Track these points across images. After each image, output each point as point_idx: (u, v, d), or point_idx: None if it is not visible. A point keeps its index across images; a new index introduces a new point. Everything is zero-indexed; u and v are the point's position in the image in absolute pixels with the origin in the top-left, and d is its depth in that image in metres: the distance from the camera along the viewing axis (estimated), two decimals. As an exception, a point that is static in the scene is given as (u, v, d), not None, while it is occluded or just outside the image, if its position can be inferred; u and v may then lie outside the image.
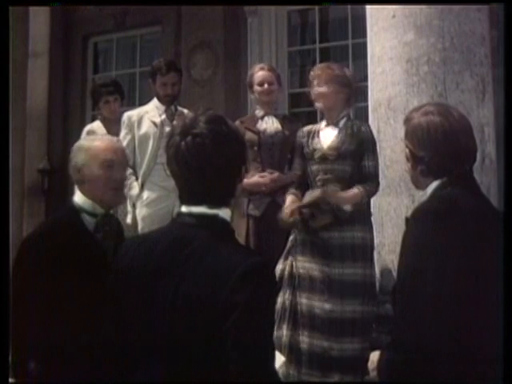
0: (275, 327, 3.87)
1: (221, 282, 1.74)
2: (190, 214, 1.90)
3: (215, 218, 1.89)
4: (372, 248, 3.95)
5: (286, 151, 4.45)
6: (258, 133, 4.49)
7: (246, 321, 1.72)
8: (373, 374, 2.18)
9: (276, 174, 4.39)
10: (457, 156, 2.20)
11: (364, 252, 3.90)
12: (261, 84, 4.56)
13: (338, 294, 3.82)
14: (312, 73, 4.11)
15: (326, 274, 3.84)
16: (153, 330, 1.84)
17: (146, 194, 4.78)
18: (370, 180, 3.94)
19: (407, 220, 2.22)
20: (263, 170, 4.46)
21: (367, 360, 2.25)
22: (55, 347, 2.51)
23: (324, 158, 3.97)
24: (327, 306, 3.81)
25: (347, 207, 3.88)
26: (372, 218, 4.03)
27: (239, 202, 4.48)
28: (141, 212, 4.80)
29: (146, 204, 4.76)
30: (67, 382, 2.51)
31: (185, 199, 1.92)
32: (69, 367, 2.51)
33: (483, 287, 2.00)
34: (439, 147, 2.19)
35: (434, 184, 2.21)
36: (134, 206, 4.86)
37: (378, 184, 3.95)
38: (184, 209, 1.92)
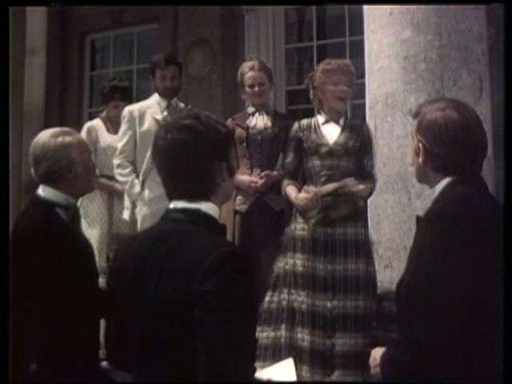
0: (271, 327, 3.87)
1: (192, 274, 1.74)
2: (175, 210, 1.92)
3: (198, 212, 1.90)
4: (371, 244, 3.96)
5: (276, 147, 4.44)
6: (246, 129, 4.47)
7: (213, 309, 1.70)
8: (375, 371, 2.16)
9: (265, 180, 4.38)
10: (472, 153, 2.17)
11: (366, 248, 3.91)
12: (251, 86, 4.51)
13: (341, 290, 3.82)
14: (332, 65, 4.04)
15: (329, 272, 3.84)
16: (142, 328, 1.85)
17: (146, 193, 4.75)
18: (369, 178, 3.96)
19: (418, 219, 2.20)
20: (251, 167, 4.45)
21: (368, 356, 2.24)
22: (55, 346, 2.52)
23: (330, 154, 3.95)
24: (330, 304, 3.80)
25: (361, 201, 3.90)
26: (369, 217, 4.05)
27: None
28: (141, 210, 4.77)
29: (146, 202, 4.73)
30: (67, 382, 2.52)
31: (170, 195, 1.95)
32: (67, 365, 2.53)
33: (496, 287, 1.98)
34: (457, 144, 2.14)
35: (445, 181, 2.17)
36: (133, 203, 4.85)
37: (375, 183, 3.99)
38: (171, 205, 1.94)
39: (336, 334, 3.78)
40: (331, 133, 4.01)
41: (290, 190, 4.05)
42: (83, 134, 4.87)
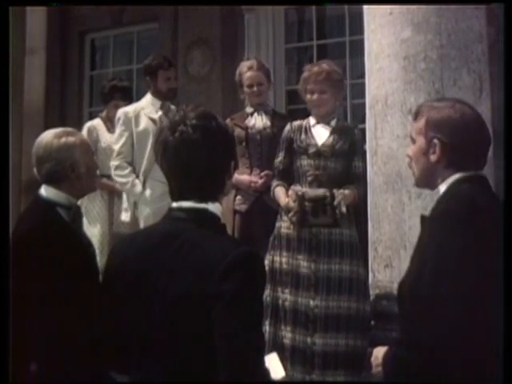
0: None
1: (208, 274, 1.74)
2: (180, 209, 1.91)
3: (205, 211, 1.89)
4: (358, 246, 4.00)
5: (275, 147, 4.46)
6: (245, 128, 4.49)
7: (234, 309, 1.71)
8: (376, 370, 2.17)
9: (265, 180, 4.39)
10: (485, 147, 2.21)
11: (351, 249, 3.96)
12: (250, 86, 4.53)
13: (323, 290, 3.85)
14: (307, 73, 4.13)
15: (312, 271, 3.88)
16: (146, 328, 1.84)
17: (148, 192, 4.77)
18: (358, 181, 4.03)
19: (423, 218, 2.19)
20: (251, 166, 4.47)
21: (369, 356, 2.24)
22: (55, 346, 2.52)
23: (318, 155, 4.03)
24: (312, 302, 3.84)
25: (344, 209, 3.94)
26: (369, 216, 4.05)
27: (227, 197, 4.51)
28: (144, 210, 4.78)
29: (148, 202, 4.74)
30: (67, 382, 2.52)
31: (175, 194, 1.94)
32: (67, 365, 2.53)
33: (500, 288, 1.98)
34: (475, 135, 2.17)
35: (450, 180, 2.17)
36: (134, 204, 4.85)
37: (365, 186, 3.99)
38: (175, 204, 1.93)
39: (317, 333, 3.82)
40: (321, 134, 4.10)
41: (279, 191, 4.11)
42: (84, 133, 4.89)
